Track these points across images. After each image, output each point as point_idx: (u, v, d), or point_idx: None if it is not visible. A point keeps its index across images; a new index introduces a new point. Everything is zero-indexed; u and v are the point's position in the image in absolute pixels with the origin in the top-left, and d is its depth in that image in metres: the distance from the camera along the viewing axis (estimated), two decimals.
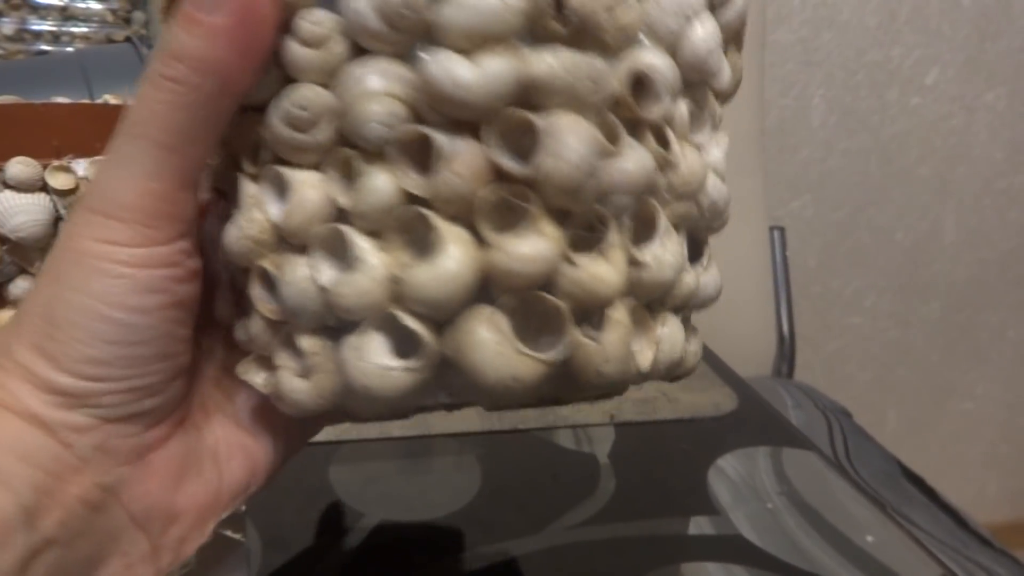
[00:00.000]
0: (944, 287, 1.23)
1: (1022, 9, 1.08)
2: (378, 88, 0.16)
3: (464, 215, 0.16)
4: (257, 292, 0.18)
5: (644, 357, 0.18)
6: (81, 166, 0.24)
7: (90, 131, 0.30)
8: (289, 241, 0.17)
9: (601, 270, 0.17)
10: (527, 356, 0.16)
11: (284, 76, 0.17)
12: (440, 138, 0.16)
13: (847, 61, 1.06)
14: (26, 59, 0.45)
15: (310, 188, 0.17)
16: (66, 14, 0.64)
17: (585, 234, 0.17)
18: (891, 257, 1.19)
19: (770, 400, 0.82)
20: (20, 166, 0.23)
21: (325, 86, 0.17)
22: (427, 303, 0.16)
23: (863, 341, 1.25)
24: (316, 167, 0.17)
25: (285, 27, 0.17)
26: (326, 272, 0.17)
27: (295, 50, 0.17)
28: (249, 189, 0.18)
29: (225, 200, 0.19)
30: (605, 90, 0.16)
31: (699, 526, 0.34)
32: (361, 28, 0.16)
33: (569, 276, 0.17)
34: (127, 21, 0.67)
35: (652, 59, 0.17)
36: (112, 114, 0.32)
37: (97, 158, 0.25)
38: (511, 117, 0.16)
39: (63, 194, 0.23)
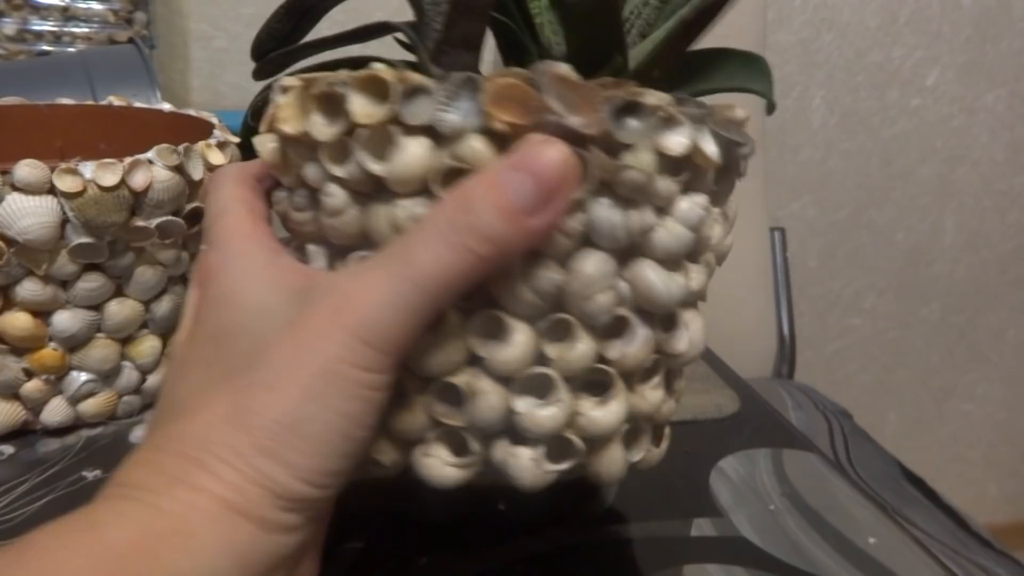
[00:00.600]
0: (944, 288, 1.24)
1: (1022, 11, 1.08)
2: (605, 282, 0.21)
3: (628, 376, 0.23)
4: (437, 404, 0.22)
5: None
6: (88, 169, 0.24)
7: (94, 132, 0.30)
8: (492, 373, 0.21)
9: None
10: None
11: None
12: (636, 323, 0.22)
13: (848, 62, 1.06)
14: (29, 59, 0.45)
15: (523, 336, 0.21)
16: (68, 14, 0.64)
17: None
18: (891, 258, 1.19)
19: (771, 401, 0.82)
20: (28, 169, 0.23)
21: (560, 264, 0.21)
22: (594, 434, 0.22)
23: (863, 342, 1.25)
24: (530, 320, 0.21)
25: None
26: (523, 402, 0.22)
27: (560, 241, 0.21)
28: (454, 319, 0.21)
29: None
30: None
31: (701, 528, 0.34)
32: (608, 236, 0.21)
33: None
34: (129, 22, 0.67)
35: None
36: (116, 115, 0.32)
37: (105, 160, 0.25)
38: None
39: (70, 196, 0.23)
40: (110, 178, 0.24)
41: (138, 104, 0.30)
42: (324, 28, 0.26)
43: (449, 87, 0.19)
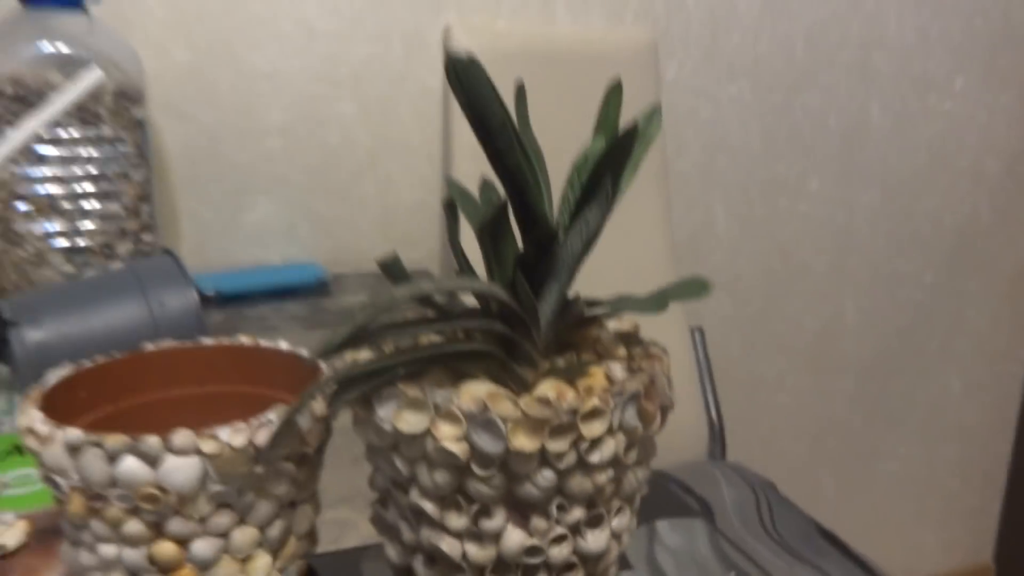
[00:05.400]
0: (854, 363, 1.40)
1: (878, 124, 1.28)
2: None
3: None
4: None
5: None
6: (225, 433, 0.33)
7: (229, 368, 0.41)
8: None
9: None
10: None
11: None
12: None
13: (741, 178, 1.25)
14: (86, 280, 0.57)
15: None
16: (84, 214, 0.77)
17: None
18: (803, 340, 1.35)
19: (705, 480, 0.95)
20: (182, 438, 0.33)
21: None
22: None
23: (791, 417, 1.39)
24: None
25: None
26: None
27: None
28: None
29: None
30: None
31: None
32: None
33: None
34: (136, 213, 0.80)
35: None
36: (244, 352, 0.43)
37: (238, 426, 0.33)
38: None
39: (210, 457, 0.34)
40: (240, 439, 0.33)
41: (263, 343, 0.42)
42: None
43: None
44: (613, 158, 0.32)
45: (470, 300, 0.37)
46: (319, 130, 1.03)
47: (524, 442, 0.31)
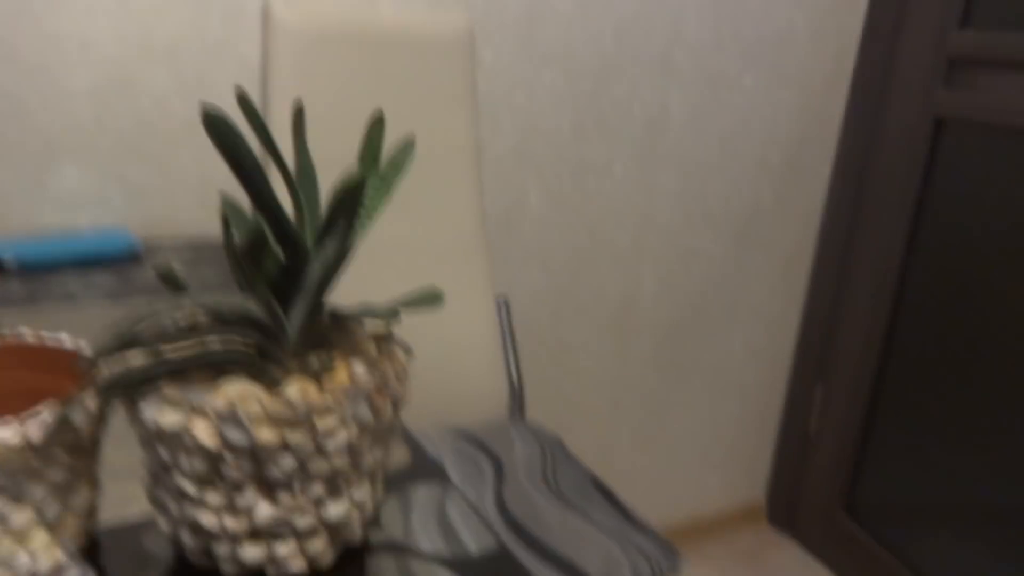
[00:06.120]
0: (651, 328, 1.55)
1: (677, 114, 1.42)
2: None
3: None
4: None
5: None
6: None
7: (18, 361, 0.43)
8: None
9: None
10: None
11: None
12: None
13: (552, 160, 1.35)
14: None
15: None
16: None
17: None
18: (606, 309, 1.49)
19: (501, 438, 1.05)
20: None
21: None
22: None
23: (594, 378, 1.53)
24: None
25: None
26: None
27: None
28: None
29: None
30: None
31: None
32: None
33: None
34: None
35: None
36: (36, 347, 0.46)
37: (9, 419, 0.37)
38: None
39: None
40: (12, 435, 0.36)
41: (47, 339, 0.45)
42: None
43: None
44: (345, 203, 0.39)
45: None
46: (131, 97, 1.02)
47: (267, 435, 0.38)
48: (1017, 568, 1.36)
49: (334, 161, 0.71)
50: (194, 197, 1.09)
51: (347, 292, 1.05)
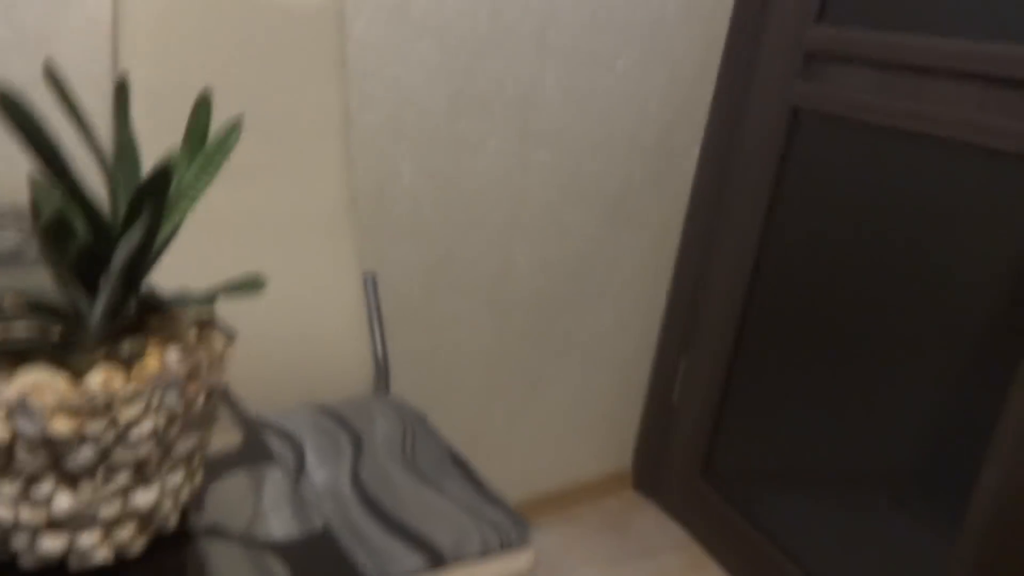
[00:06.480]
0: (525, 302, 1.58)
1: (552, 94, 1.44)
2: None
3: None
4: None
5: None
6: None
7: None
8: None
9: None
10: None
11: None
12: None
13: (426, 134, 1.34)
14: None
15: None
16: None
17: None
18: (481, 284, 1.51)
19: (363, 414, 1.05)
20: None
21: None
22: None
23: (468, 353, 1.55)
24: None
25: None
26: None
27: None
28: None
29: None
30: None
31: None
32: None
33: None
34: None
35: None
36: None
37: None
38: None
39: None
40: None
41: None
42: None
43: None
44: (153, 185, 0.38)
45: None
46: None
47: (62, 426, 0.37)
48: (857, 526, 1.48)
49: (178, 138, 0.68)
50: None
51: (208, 267, 1.02)
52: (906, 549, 1.38)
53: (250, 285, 0.44)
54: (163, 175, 0.40)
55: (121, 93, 0.47)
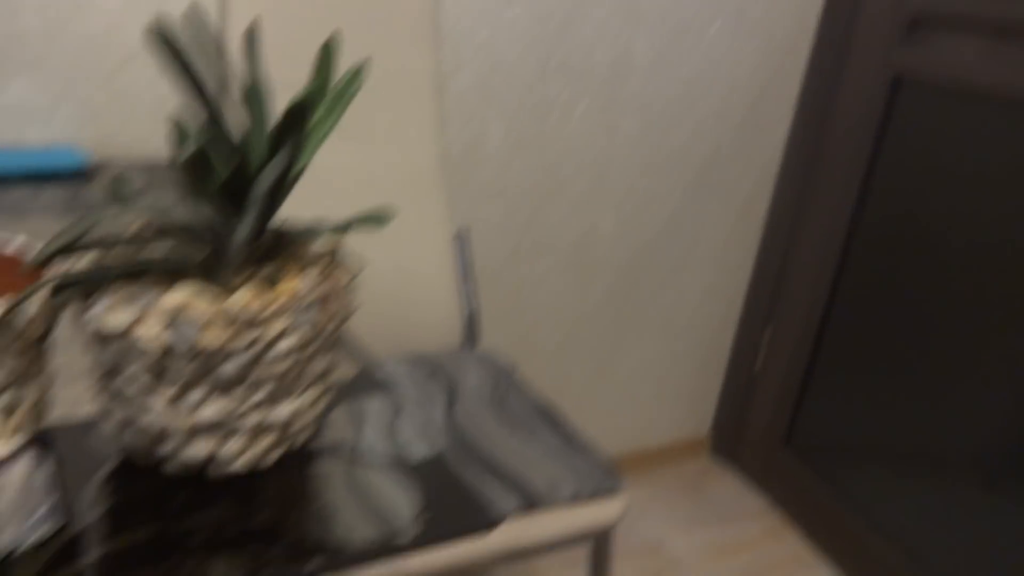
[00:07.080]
0: (607, 268, 1.59)
1: (641, 60, 1.43)
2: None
3: None
4: None
5: None
6: None
7: None
8: None
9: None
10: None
11: None
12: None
13: (514, 98, 1.35)
14: None
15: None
16: None
17: None
18: (564, 247, 1.52)
19: (455, 364, 1.08)
20: None
21: None
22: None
23: (550, 313, 1.57)
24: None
25: None
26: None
27: None
28: None
29: None
30: None
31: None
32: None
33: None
34: None
35: None
36: None
37: None
38: None
39: None
40: None
41: None
42: None
43: None
44: (293, 121, 0.41)
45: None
46: (80, 14, 1.00)
47: (212, 337, 0.40)
48: (939, 500, 1.45)
49: (289, 84, 0.72)
50: (148, 117, 1.08)
51: (305, 218, 1.06)
52: (997, 529, 1.34)
53: (378, 218, 0.46)
54: (300, 112, 0.42)
55: (251, 40, 0.50)
